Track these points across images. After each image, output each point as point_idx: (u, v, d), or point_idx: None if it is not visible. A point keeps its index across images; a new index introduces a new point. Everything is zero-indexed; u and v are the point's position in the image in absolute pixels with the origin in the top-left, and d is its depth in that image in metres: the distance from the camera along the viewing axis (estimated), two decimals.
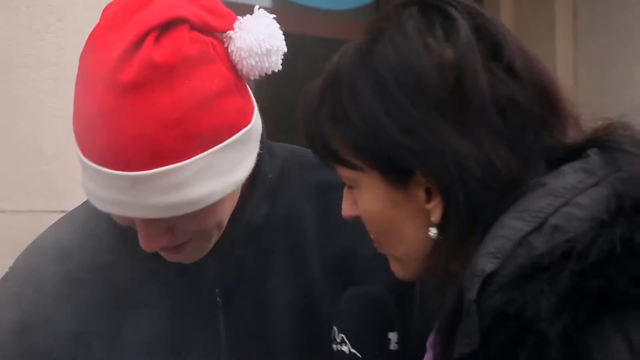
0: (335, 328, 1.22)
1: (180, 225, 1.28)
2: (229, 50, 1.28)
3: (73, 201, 2.38)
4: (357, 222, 1.37)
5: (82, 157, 1.26)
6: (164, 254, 1.33)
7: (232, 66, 1.29)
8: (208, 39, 1.27)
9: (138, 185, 1.22)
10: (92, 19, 2.54)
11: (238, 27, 1.29)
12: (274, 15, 1.34)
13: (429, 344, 1.21)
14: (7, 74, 2.36)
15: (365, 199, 1.17)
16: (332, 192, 1.35)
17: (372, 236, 1.21)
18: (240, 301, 1.37)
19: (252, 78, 1.31)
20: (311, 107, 1.17)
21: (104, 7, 1.31)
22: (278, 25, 1.32)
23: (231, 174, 1.28)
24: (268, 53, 1.30)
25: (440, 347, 1.13)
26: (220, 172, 1.26)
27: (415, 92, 1.11)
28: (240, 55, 1.28)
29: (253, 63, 1.29)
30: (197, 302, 1.37)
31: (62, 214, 2.41)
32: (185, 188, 1.23)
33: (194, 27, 1.25)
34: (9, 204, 2.38)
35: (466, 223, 1.10)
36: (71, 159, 2.40)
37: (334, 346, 1.21)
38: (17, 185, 2.38)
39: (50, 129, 2.41)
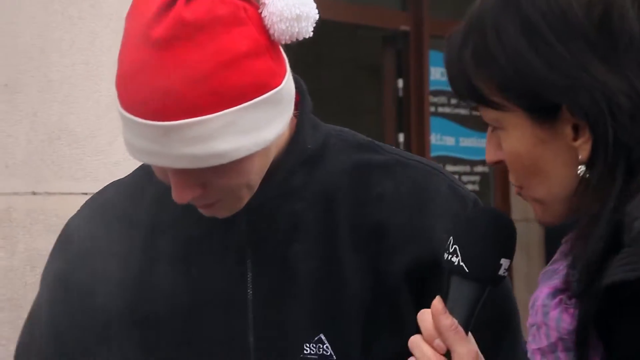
0: (451, 238, 1.21)
1: (210, 181, 1.33)
2: (262, 15, 1.34)
3: (104, 184, 2.42)
4: (389, 200, 1.41)
5: (121, 109, 1.32)
6: (198, 208, 1.38)
7: (264, 30, 1.33)
8: (240, 2, 1.32)
9: (167, 135, 1.28)
10: (122, 7, 2.58)
11: None
12: None
13: (542, 275, 1.19)
14: (42, 58, 2.40)
15: (510, 138, 1.17)
16: (370, 171, 1.43)
17: (514, 180, 1.19)
18: (267, 259, 1.41)
19: (282, 42, 1.36)
20: (454, 50, 1.19)
21: None
22: None
23: (258, 132, 1.33)
24: (298, 18, 1.34)
25: (582, 283, 1.10)
26: (247, 129, 1.31)
27: (562, 28, 1.11)
28: (272, 19, 1.33)
29: (283, 27, 1.34)
30: (227, 255, 1.42)
31: None
32: (211, 141, 1.29)
33: None
34: (42, 186, 2.42)
35: (614, 160, 1.10)
36: (102, 142, 2.44)
37: (445, 255, 1.21)
38: (50, 167, 2.41)
39: (82, 112, 2.44)
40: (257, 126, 1.32)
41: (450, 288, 1.21)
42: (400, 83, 5.81)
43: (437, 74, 5.95)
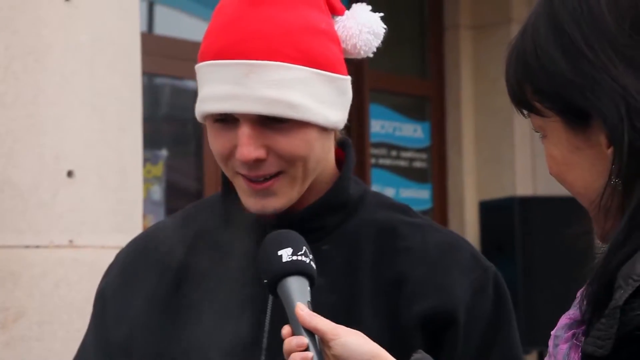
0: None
1: (275, 145, 1.42)
2: (345, 24, 1.50)
3: (47, 236, 2.40)
4: (415, 253, 1.46)
5: (204, 63, 1.45)
6: (250, 194, 1.45)
7: (337, 34, 1.50)
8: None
9: (251, 74, 1.41)
10: (67, 62, 2.58)
11: (351, 11, 1.52)
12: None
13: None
14: None
15: (549, 144, 1.14)
16: (401, 227, 1.51)
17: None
18: None
19: (360, 53, 1.52)
20: (508, 54, 1.17)
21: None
22: (378, 15, 1.53)
23: (324, 106, 1.46)
24: (377, 35, 1.51)
25: (584, 313, 1.08)
26: (317, 95, 1.45)
27: (590, 29, 1.09)
28: (359, 29, 1.50)
29: (370, 38, 1.50)
30: (248, 284, 1.46)
31: (37, 248, 2.42)
32: (289, 90, 1.42)
33: None
34: None
35: (630, 171, 1.04)
36: (45, 194, 2.43)
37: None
38: None
39: (25, 165, 2.43)
40: (325, 100, 1.46)
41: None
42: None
43: (377, 127, 6.01)
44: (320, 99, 1.45)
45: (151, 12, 5.03)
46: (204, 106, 1.45)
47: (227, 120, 1.44)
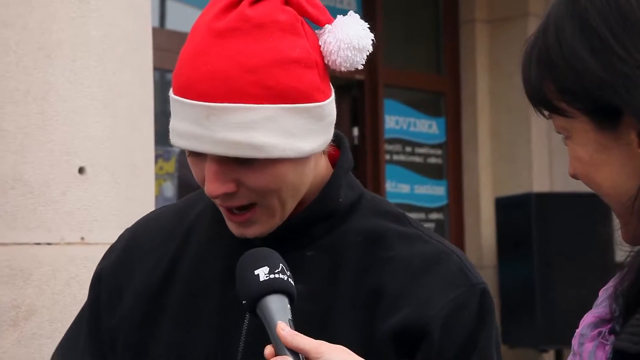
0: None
1: (244, 179, 1.40)
2: (326, 40, 1.44)
3: (57, 233, 2.39)
4: (397, 264, 1.43)
5: (172, 95, 1.42)
6: (231, 221, 1.44)
7: (318, 49, 1.43)
8: (299, 18, 1.42)
9: (210, 117, 1.37)
10: (77, 57, 2.57)
11: (333, 25, 1.45)
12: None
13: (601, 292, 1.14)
14: None
15: (576, 146, 1.12)
16: (387, 237, 1.47)
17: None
18: None
19: (340, 69, 1.46)
20: (526, 55, 1.15)
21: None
22: (367, 26, 1.47)
23: (295, 139, 1.40)
24: (361, 50, 1.45)
25: (614, 310, 1.06)
26: (285, 131, 1.39)
27: (619, 26, 1.07)
28: (339, 45, 1.44)
29: (349, 55, 1.44)
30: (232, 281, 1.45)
31: (48, 245, 2.41)
32: (251, 131, 1.37)
33: (288, 3, 1.41)
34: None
35: None
36: (56, 191, 2.42)
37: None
38: (4, 217, 2.39)
39: (36, 162, 2.42)
40: (295, 133, 1.40)
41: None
42: (356, 131, 5.84)
43: (391, 122, 5.99)
44: (290, 132, 1.39)
45: (163, 7, 5.03)
46: (172, 138, 1.43)
47: (197, 154, 1.42)
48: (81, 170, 2.47)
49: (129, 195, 2.57)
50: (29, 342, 2.33)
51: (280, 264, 1.34)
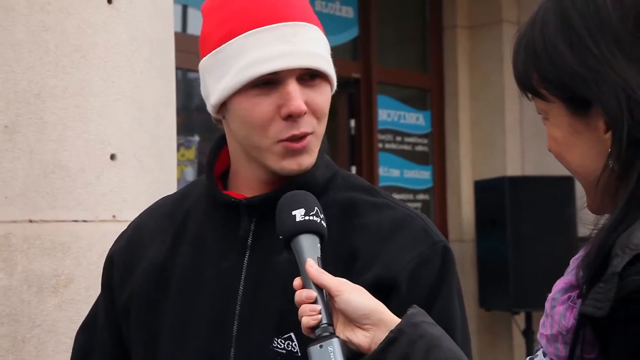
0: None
1: (311, 100, 1.43)
2: None
3: (92, 212, 2.39)
4: (369, 230, 1.43)
5: (244, 34, 1.42)
6: (288, 154, 1.43)
7: None
8: None
9: (297, 34, 1.41)
10: (109, 58, 2.57)
11: None
12: None
13: (572, 261, 1.14)
14: (38, 103, 2.38)
15: (552, 127, 1.13)
16: (360, 207, 1.47)
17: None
18: (260, 259, 1.44)
19: None
20: (516, 43, 1.15)
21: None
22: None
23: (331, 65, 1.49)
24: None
25: (579, 279, 1.06)
26: (328, 51, 1.49)
27: (596, 26, 1.07)
28: None
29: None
30: (230, 251, 1.45)
31: (84, 222, 2.41)
32: (322, 46, 1.46)
33: None
34: (38, 214, 2.39)
35: (629, 158, 1.03)
36: (91, 176, 2.42)
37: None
38: (45, 198, 2.39)
39: (74, 150, 2.42)
40: (330, 60, 1.49)
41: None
42: (353, 123, 5.83)
43: (384, 115, 5.98)
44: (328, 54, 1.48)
45: (184, 14, 5.01)
46: (251, 71, 1.40)
47: (269, 84, 1.40)
48: (113, 157, 2.47)
49: (155, 178, 2.57)
50: (68, 306, 2.34)
51: (315, 207, 1.33)
